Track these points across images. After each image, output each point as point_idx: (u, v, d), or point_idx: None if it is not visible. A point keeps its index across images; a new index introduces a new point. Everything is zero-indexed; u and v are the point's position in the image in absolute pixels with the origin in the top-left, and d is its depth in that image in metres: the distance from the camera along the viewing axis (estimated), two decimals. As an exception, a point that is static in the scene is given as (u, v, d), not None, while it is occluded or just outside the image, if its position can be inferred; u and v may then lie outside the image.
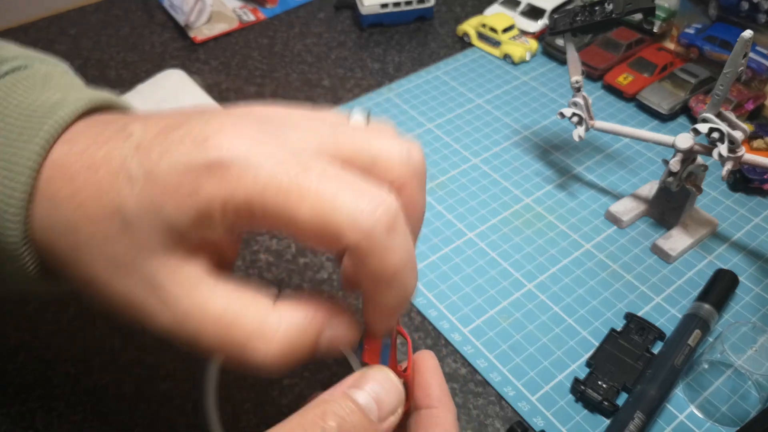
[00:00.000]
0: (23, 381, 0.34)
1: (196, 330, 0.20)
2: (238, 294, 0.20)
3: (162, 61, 0.59)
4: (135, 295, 0.20)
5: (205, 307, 0.20)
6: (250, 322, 0.20)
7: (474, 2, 0.66)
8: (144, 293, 0.20)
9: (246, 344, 0.19)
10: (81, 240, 0.20)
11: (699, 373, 0.34)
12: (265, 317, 0.20)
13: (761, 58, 0.48)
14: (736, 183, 0.45)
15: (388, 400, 0.20)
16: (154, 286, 0.20)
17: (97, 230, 0.20)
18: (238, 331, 0.20)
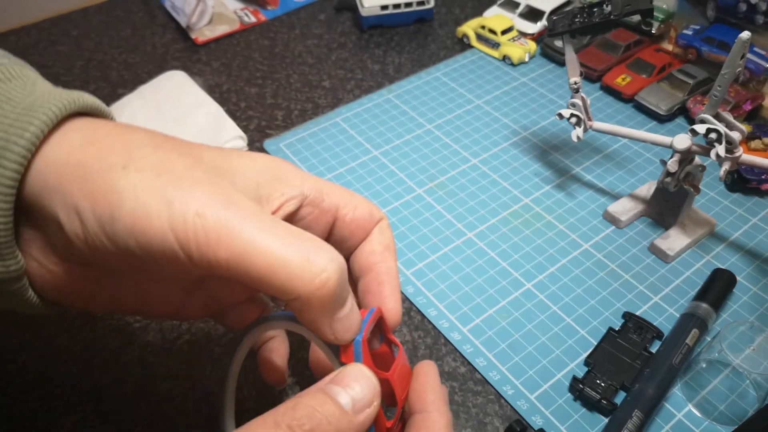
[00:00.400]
0: (24, 380, 0.34)
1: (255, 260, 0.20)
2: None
3: (163, 62, 0.59)
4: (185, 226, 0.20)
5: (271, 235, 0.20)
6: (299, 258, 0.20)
7: (473, 4, 0.67)
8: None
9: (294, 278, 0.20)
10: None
11: (697, 372, 0.34)
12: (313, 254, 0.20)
13: (759, 59, 0.49)
14: (734, 183, 0.45)
15: (362, 392, 0.21)
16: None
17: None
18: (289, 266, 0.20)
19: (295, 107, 0.54)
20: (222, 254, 0.20)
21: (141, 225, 0.20)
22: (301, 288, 0.20)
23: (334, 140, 0.50)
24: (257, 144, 0.50)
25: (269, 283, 0.20)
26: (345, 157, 0.49)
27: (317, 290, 0.20)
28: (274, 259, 0.20)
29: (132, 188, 0.20)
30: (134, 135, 0.22)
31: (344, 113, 0.53)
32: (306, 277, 0.20)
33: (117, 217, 0.20)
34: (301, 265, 0.20)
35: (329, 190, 0.26)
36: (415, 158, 0.48)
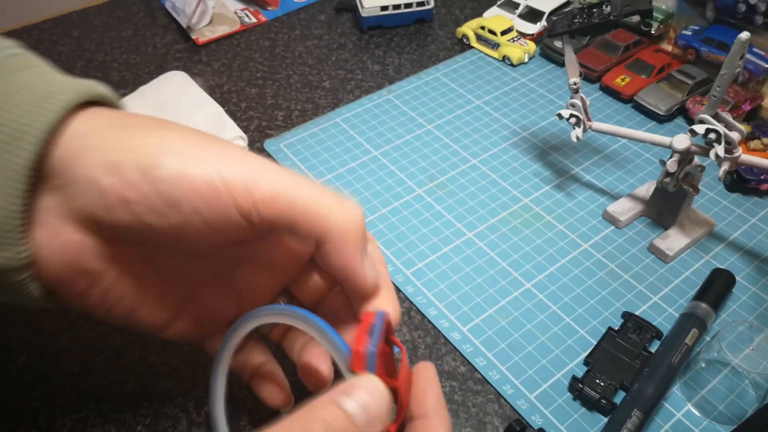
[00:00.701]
0: (25, 380, 0.34)
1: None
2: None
3: (164, 62, 0.59)
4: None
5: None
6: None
7: (473, 5, 0.67)
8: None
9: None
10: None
11: (696, 372, 0.34)
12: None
13: (758, 60, 0.49)
14: (733, 183, 0.45)
15: (376, 408, 0.21)
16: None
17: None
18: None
19: (295, 107, 0.54)
20: (268, 187, 0.21)
21: (189, 172, 0.21)
22: (338, 218, 0.22)
23: (334, 140, 0.50)
24: (258, 144, 0.50)
25: (311, 215, 0.22)
26: (345, 157, 0.49)
27: (353, 220, 0.23)
28: (314, 194, 0.22)
29: (179, 140, 0.22)
30: (154, 118, 0.23)
31: (344, 113, 0.53)
32: (341, 210, 0.22)
33: (164, 165, 0.21)
34: (336, 200, 0.23)
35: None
36: (415, 158, 0.49)
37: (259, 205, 0.21)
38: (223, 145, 0.23)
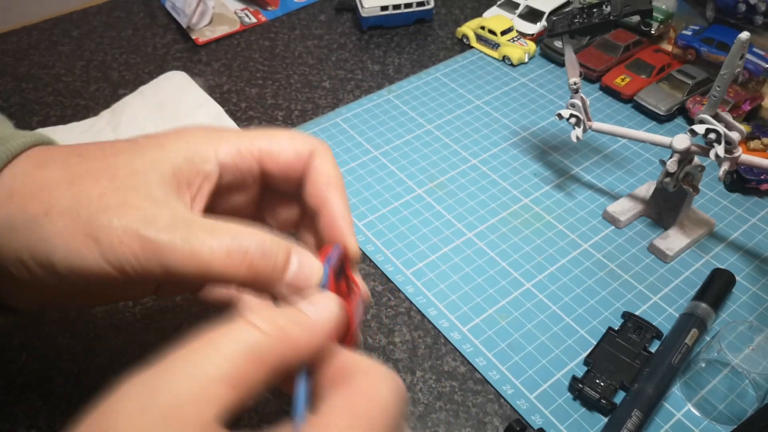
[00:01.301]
0: (26, 380, 0.34)
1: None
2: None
3: (164, 62, 0.59)
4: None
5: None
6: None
7: (473, 4, 0.67)
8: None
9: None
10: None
11: (696, 372, 0.34)
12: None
13: (758, 60, 0.49)
14: (733, 183, 0.45)
15: (326, 308, 0.21)
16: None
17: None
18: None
19: (295, 107, 0.54)
20: (156, 269, 0.22)
21: (78, 265, 0.22)
22: (234, 278, 0.22)
23: (334, 140, 0.50)
24: (258, 144, 0.50)
25: (208, 280, 0.23)
26: (345, 157, 0.49)
27: (248, 273, 0.22)
28: (200, 262, 0.22)
29: (58, 233, 0.22)
30: (48, 173, 0.24)
31: (344, 113, 0.53)
32: (230, 271, 0.22)
33: (54, 261, 0.22)
34: (224, 261, 0.22)
35: (247, 145, 0.26)
36: (415, 158, 0.49)
37: (154, 275, 0.22)
38: (101, 218, 0.22)
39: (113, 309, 0.38)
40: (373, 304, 0.39)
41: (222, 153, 0.26)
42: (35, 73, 0.58)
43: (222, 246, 0.22)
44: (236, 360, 0.18)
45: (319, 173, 0.27)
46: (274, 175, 0.27)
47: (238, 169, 0.26)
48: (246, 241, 0.22)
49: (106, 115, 0.51)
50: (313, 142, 0.27)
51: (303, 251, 0.24)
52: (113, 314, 0.37)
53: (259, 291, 0.23)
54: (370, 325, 0.37)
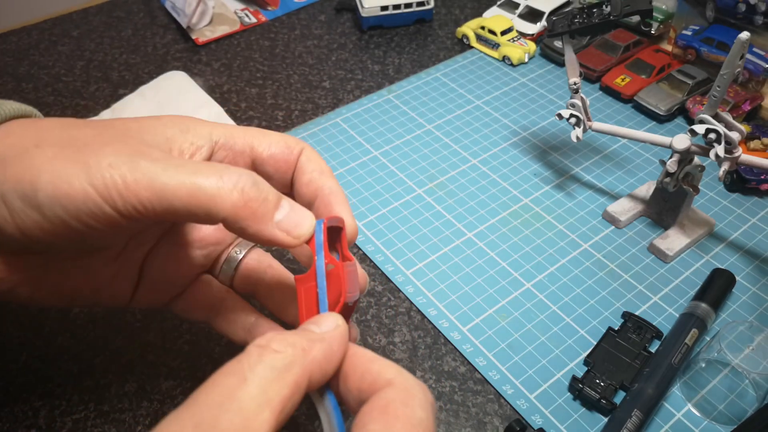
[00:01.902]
0: (26, 380, 0.34)
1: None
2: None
3: (164, 62, 0.59)
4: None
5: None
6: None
7: (473, 4, 0.67)
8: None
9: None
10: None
11: (696, 372, 0.34)
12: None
13: (758, 60, 0.49)
14: (733, 183, 0.45)
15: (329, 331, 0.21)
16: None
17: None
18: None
19: (295, 107, 0.54)
20: (144, 195, 0.21)
21: (63, 189, 0.21)
22: (223, 205, 0.22)
23: (334, 140, 0.50)
24: (258, 144, 0.50)
25: (194, 210, 0.22)
26: (345, 157, 0.49)
27: (238, 200, 0.22)
28: (191, 185, 0.21)
29: (47, 159, 0.22)
30: (44, 122, 0.24)
31: (344, 113, 0.53)
32: (223, 194, 0.22)
33: (39, 188, 0.21)
34: (216, 184, 0.22)
35: (240, 133, 0.27)
36: (415, 158, 0.49)
37: (138, 208, 0.22)
38: (94, 147, 0.22)
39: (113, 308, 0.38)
40: (373, 304, 0.39)
41: (216, 133, 0.26)
42: (35, 73, 0.58)
43: (215, 171, 0.22)
44: (273, 386, 0.18)
45: (312, 162, 0.27)
46: (265, 162, 0.27)
47: (230, 149, 0.26)
48: (237, 171, 0.22)
49: (107, 115, 0.51)
50: (301, 141, 0.28)
51: (294, 202, 0.24)
52: (113, 314, 0.37)
53: (250, 233, 0.23)
54: (370, 325, 0.38)
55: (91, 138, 0.23)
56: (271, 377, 0.18)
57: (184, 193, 0.21)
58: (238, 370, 0.18)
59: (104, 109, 0.52)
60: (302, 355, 0.19)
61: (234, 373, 0.18)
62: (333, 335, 0.21)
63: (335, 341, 0.21)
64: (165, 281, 0.29)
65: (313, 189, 0.27)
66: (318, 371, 0.20)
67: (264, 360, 0.19)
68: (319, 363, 0.20)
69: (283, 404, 0.18)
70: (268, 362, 0.19)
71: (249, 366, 0.18)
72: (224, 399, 0.18)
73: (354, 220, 0.26)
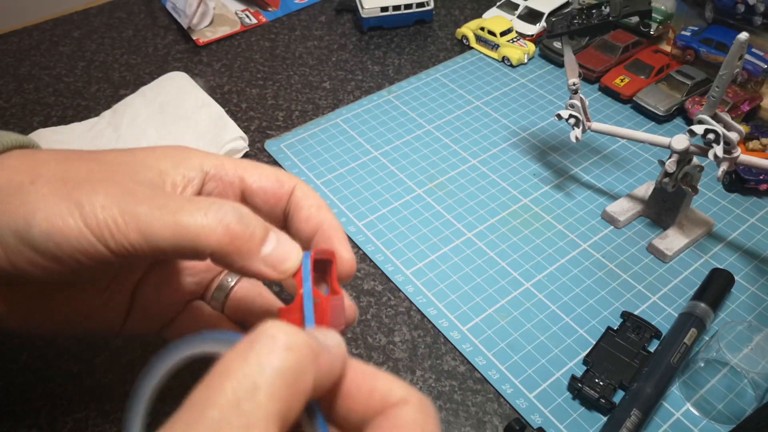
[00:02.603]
0: (26, 379, 0.34)
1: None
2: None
3: (165, 63, 0.59)
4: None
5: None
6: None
7: (472, 5, 0.67)
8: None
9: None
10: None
11: (695, 372, 0.34)
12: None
13: (757, 60, 0.49)
14: (732, 183, 0.45)
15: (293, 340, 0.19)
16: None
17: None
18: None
19: (295, 108, 0.54)
20: (133, 236, 0.22)
21: (57, 226, 0.22)
22: (208, 241, 0.22)
23: (334, 141, 0.50)
24: (258, 144, 0.51)
25: (181, 248, 0.22)
26: (345, 157, 0.49)
27: (223, 237, 0.22)
28: (176, 225, 0.22)
29: (42, 198, 0.22)
30: (39, 156, 0.24)
31: (344, 114, 0.53)
32: (208, 231, 0.22)
33: (32, 225, 0.22)
34: (200, 223, 0.22)
35: (231, 164, 0.27)
36: (414, 159, 0.49)
37: (128, 248, 0.22)
38: (86, 187, 0.23)
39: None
40: (373, 304, 0.39)
41: (207, 164, 0.27)
42: (36, 73, 0.58)
43: (199, 207, 0.22)
44: (284, 395, 0.16)
45: (309, 198, 0.28)
46: (254, 194, 0.27)
47: (221, 180, 0.27)
48: (222, 206, 0.23)
49: (107, 115, 0.51)
50: (293, 176, 0.28)
51: (282, 233, 0.24)
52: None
53: (236, 267, 0.23)
54: (370, 324, 0.38)
55: (85, 175, 0.23)
56: (284, 383, 0.16)
57: (169, 233, 0.22)
58: (247, 373, 0.16)
59: (105, 109, 0.52)
60: (314, 358, 0.17)
61: (244, 376, 0.16)
62: (338, 351, 0.19)
63: (338, 358, 0.18)
64: (156, 308, 0.29)
65: (313, 224, 0.27)
66: (320, 382, 0.18)
67: (277, 358, 0.16)
68: (325, 373, 0.18)
69: (290, 416, 0.16)
70: (283, 363, 0.16)
71: (259, 368, 0.16)
72: (231, 410, 0.15)
73: (352, 255, 0.26)
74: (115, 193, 0.22)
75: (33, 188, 0.22)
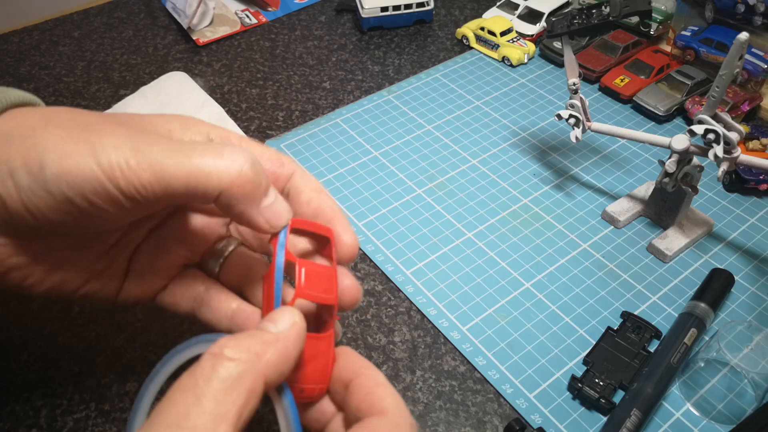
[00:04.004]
0: (27, 379, 0.34)
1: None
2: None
3: (165, 63, 0.59)
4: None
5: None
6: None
7: (473, 5, 0.67)
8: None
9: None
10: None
11: (695, 372, 0.34)
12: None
13: (757, 60, 0.49)
14: (732, 183, 0.45)
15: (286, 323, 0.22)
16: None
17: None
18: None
19: (295, 108, 0.54)
20: (145, 176, 0.22)
21: (69, 167, 0.22)
22: (220, 181, 0.23)
23: (334, 141, 0.50)
24: (258, 145, 0.51)
25: (193, 188, 0.22)
26: (345, 157, 0.49)
27: (236, 178, 0.23)
28: (190, 165, 0.22)
29: (55, 139, 0.22)
30: (50, 108, 0.25)
31: (344, 114, 0.53)
32: (222, 171, 0.23)
33: (46, 165, 0.22)
34: (214, 163, 0.23)
35: (236, 138, 0.28)
36: (414, 159, 0.49)
37: (140, 189, 0.22)
38: (99, 129, 0.23)
39: (114, 308, 0.38)
40: (373, 304, 0.39)
41: (214, 133, 0.27)
42: (36, 73, 0.58)
43: (213, 149, 0.23)
44: (228, 398, 0.19)
45: (309, 182, 0.28)
46: None
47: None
48: (236, 149, 0.23)
49: (107, 115, 0.51)
50: (294, 160, 0.29)
51: (278, 193, 0.25)
52: (114, 314, 0.38)
53: (236, 212, 0.24)
54: (371, 324, 0.38)
55: (96, 121, 0.24)
56: (225, 388, 0.19)
57: (182, 173, 0.22)
58: (192, 386, 0.19)
59: (105, 109, 0.52)
60: (256, 359, 0.20)
61: (189, 388, 0.19)
62: (288, 335, 0.21)
63: (290, 340, 0.21)
64: (152, 274, 0.29)
65: (314, 207, 0.27)
66: (273, 373, 0.20)
67: (218, 371, 0.19)
68: (275, 365, 0.21)
69: (239, 413, 0.19)
70: (221, 373, 0.19)
71: (204, 379, 0.19)
72: (180, 419, 0.18)
73: (354, 237, 0.27)
74: (128, 134, 0.23)
75: (45, 131, 0.23)
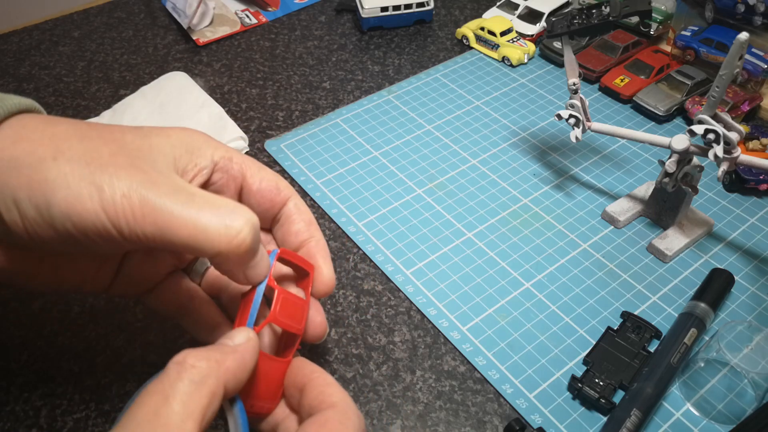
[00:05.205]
0: (27, 379, 0.34)
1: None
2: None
3: (165, 63, 0.59)
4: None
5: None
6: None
7: (472, 5, 0.67)
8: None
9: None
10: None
11: (695, 372, 0.34)
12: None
13: (757, 60, 0.49)
14: (732, 184, 0.45)
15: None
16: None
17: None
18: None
19: (295, 108, 0.54)
20: (148, 228, 0.23)
21: (75, 208, 0.22)
22: (220, 248, 0.23)
23: (334, 141, 0.50)
24: (258, 144, 0.51)
25: (193, 248, 0.23)
26: (345, 157, 0.49)
27: (236, 248, 0.24)
28: (195, 228, 0.23)
29: (63, 176, 0.23)
30: (59, 128, 0.24)
31: (344, 114, 0.53)
32: (224, 240, 0.23)
33: (53, 203, 0.22)
34: (218, 230, 0.23)
35: (238, 158, 0.29)
36: (414, 159, 0.49)
37: (141, 237, 0.23)
38: (109, 168, 0.23)
39: (114, 308, 0.38)
40: (373, 304, 0.39)
41: (217, 155, 0.28)
42: (36, 73, 0.58)
43: (219, 213, 0.23)
44: (193, 399, 0.21)
45: (302, 213, 0.30)
46: (251, 194, 0.29)
47: (227, 172, 0.28)
48: (242, 215, 0.24)
49: (107, 115, 0.51)
50: (290, 187, 0.30)
51: (264, 250, 0.26)
52: (114, 314, 0.38)
53: (223, 269, 0.25)
54: (370, 324, 0.38)
55: (107, 158, 0.24)
56: (191, 391, 0.21)
57: (186, 232, 0.23)
58: (160, 389, 0.21)
59: (105, 109, 0.52)
60: (216, 366, 0.22)
61: (157, 392, 0.21)
62: (245, 347, 0.24)
63: (247, 352, 0.24)
64: (140, 276, 0.30)
65: (301, 240, 0.30)
66: (232, 379, 0.23)
67: (182, 376, 0.21)
68: (233, 372, 0.23)
69: (203, 413, 0.21)
70: (186, 378, 0.21)
71: (170, 384, 0.21)
72: (150, 417, 0.20)
73: (332, 274, 0.29)
74: (137, 180, 0.23)
75: (55, 165, 0.23)
